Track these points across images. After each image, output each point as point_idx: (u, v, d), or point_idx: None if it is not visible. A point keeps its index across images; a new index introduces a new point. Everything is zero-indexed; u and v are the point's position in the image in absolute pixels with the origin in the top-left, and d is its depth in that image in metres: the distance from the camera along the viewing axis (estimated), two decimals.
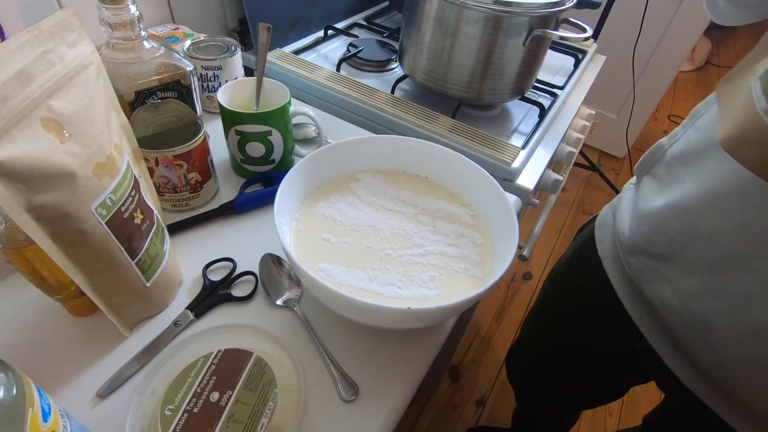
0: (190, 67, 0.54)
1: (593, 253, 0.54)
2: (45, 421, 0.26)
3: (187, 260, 0.47)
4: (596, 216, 0.58)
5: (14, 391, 0.24)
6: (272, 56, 0.77)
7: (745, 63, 0.34)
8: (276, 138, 0.54)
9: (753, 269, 0.35)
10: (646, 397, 1.24)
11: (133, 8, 0.48)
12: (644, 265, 0.46)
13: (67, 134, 0.30)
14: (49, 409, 0.27)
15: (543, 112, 0.74)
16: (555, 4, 0.62)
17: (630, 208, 0.49)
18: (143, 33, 0.50)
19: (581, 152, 1.87)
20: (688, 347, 0.43)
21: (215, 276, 0.46)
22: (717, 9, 0.42)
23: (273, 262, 0.47)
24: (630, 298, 0.49)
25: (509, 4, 0.60)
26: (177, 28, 0.72)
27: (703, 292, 0.39)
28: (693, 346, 0.43)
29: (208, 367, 0.36)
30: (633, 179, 0.53)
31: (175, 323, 0.41)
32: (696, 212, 0.39)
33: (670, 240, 0.42)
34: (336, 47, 0.88)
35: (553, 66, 0.92)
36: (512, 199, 0.61)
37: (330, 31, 0.89)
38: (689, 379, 0.45)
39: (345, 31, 0.90)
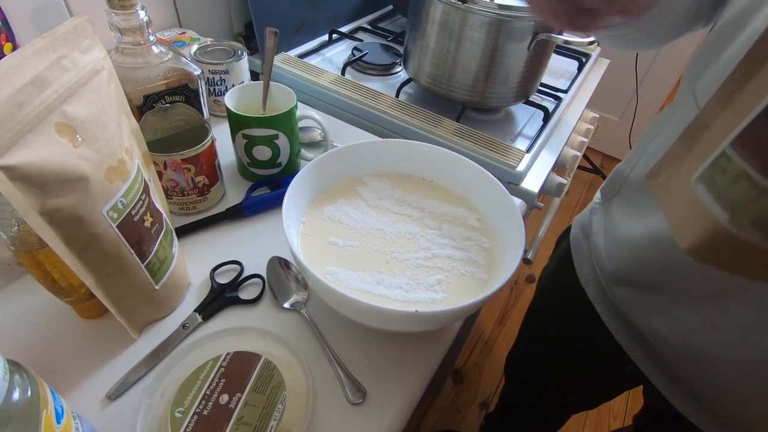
0: (197, 72, 0.55)
1: (573, 272, 0.52)
2: (58, 422, 0.26)
3: (194, 263, 0.48)
4: (570, 228, 0.57)
5: (29, 393, 0.24)
6: (277, 60, 0.77)
7: (670, 158, 0.29)
8: (282, 141, 0.54)
9: (748, 300, 0.33)
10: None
11: (142, 13, 0.48)
12: (631, 296, 0.43)
13: (80, 139, 0.30)
14: (62, 410, 0.27)
15: (547, 116, 0.75)
16: None
17: (602, 233, 0.47)
18: (152, 38, 0.51)
19: (584, 155, 1.87)
20: (689, 382, 0.41)
21: (223, 279, 0.46)
22: (621, 42, 0.42)
23: (280, 265, 0.47)
24: (619, 329, 0.46)
25: (514, 8, 0.60)
26: (184, 33, 0.73)
27: (700, 325, 0.37)
28: (694, 382, 0.41)
29: (217, 370, 0.37)
30: (597, 197, 0.51)
31: (184, 326, 0.42)
32: (671, 241, 0.36)
33: (655, 272, 0.39)
34: (340, 51, 0.88)
35: (557, 70, 0.92)
36: (517, 202, 0.61)
37: (334, 35, 0.90)
38: (694, 416, 0.43)
39: (349, 35, 0.90)
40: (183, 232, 0.50)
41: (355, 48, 0.85)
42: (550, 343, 0.63)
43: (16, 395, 0.23)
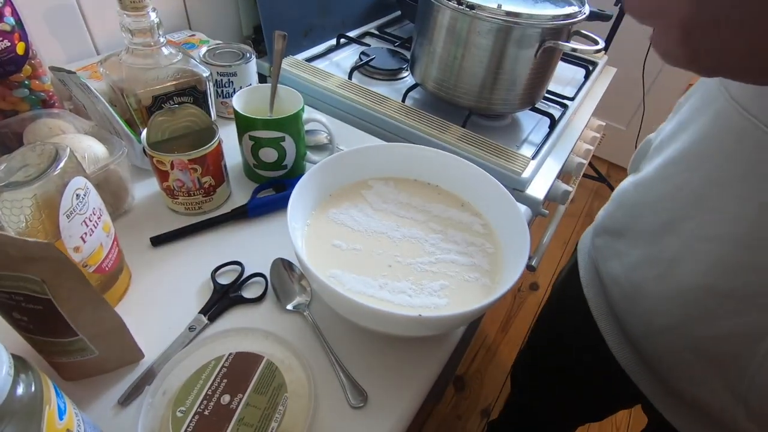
0: (206, 73, 0.55)
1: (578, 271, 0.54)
2: (61, 419, 0.26)
3: (198, 263, 0.48)
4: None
5: (33, 389, 0.25)
6: (285, 63, 0.78)
7: None
8: (289, 144, 0.55)
9: (680, 231, 0.37)
10: None
11: (153, 15, 0.49)
12: (603, 244, 0.48)
13: None
14: (65, 406, 0.27)
15: (553, 123, 0.75)
16: (567, 17, 0.62)
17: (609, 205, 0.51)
18: (162, 39, 0.51)
19: (590, 163, 1.87)
20: (624, 319, 0.45)
21: (224, 279, 0.46)
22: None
23: (284, 266, 0.48)
24: (589, 286, 0.51)
25: (522, 15, 0.60)
26: (193, 35, 0.74)
27: (643, 261, 0.42)
28: (628, 319, 0.44)
29: (220, 370, 0.37)
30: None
31: (190, 328, 0.42)
32: (649, 181, 0.42)
33: (625, 213, 0.45)
34: (348, 55, 0.89)
35: (563, 77, 0.92)
36: (522, 209, 0.61)
37: (342, 40, 0.90)
38: (624, 360, 0.47)
39: (357, 40, 0.91)
40: (187, 232, 0.50)
41: (362, 53, 0.85)
42: (560, 351, 0.63)
43: (20, 390, 0.24)
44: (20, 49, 0.49)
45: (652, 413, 0.55)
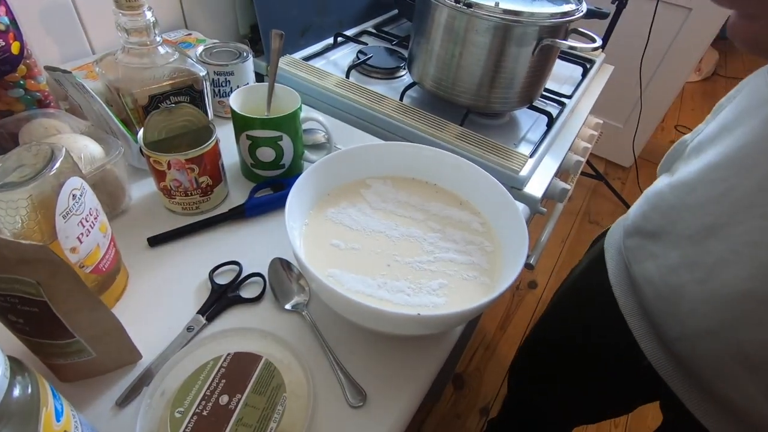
0: (203, 73, 0.55)
1: (603, 266, 0.54)
2: (58, 420, 0.26)
3: (195, 263, 0.48)
4: (608, 229, 0.58)
5: (29, 390, 0.24)
6: (282, 63, 0.77)
7: None
8: (286, 143, 0.55)
9: (726, 236, 0.37)
10: (652, 408, 1.23)
11: (149, 14, 0.49)
12: (636, 245, 0.48)
13: None
14: (62, 408, 0.27)
15: (551, 121, 0.75)
16: (565, 14, 0.62)
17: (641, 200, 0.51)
18: (158, 38, 0.51)
19: (588, 161, 1.87)
20: (658, 320, 0.45)
21: (222, 279, 0.46)
22: None
23: (282, 266, 0.47)
24: (619, 285, 0.50)
25: (519, 14, 0.60)
26: (190, 34, 0.73)
27: (682, 264, 0.41)
28: (662, 320, 0.44)
29: (218, 370, 0.37)
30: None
31: (188, 328, 0.41)
32: (689, 184, 0.41)
33: (662, 215, 0.44)
34: (345, 54, 0.89)
35: (561, 75, 0.92)
36: (520, 207, 0.61)
37: (339, 39, 0.90)
38: (656, 359, 0.46)
39: (354, 39, 0.91)
40: (184, 232, 0.50)
41: (359, 51, 0.85)
42: (569, 342, 0.63)
43: (16, 392, 0.23)
44: (15, 48, 0.49)
45: (671, 412, 0.55)
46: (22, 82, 0.51)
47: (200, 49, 0.66)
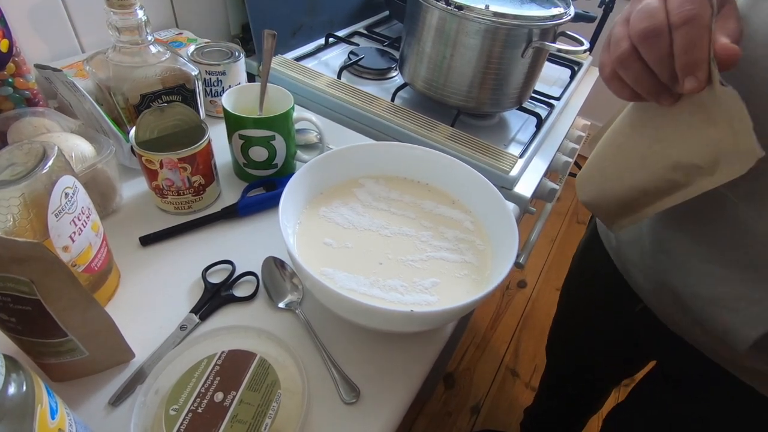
0: (195, 72, 0.55)
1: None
2: (53, 418, 0.26)
3: (187, 262, 0.48)
4: None
5: (24, 388, 0.24)
6: (274, 63, 0.77)
7: None
8: (279, 143, 0.55)
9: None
10: None
11: (140, 13, 0.48)
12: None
13: None
14: (56, 406, 0.27)
15: (540, 122, 0.76)
16: (554, 18, 0.63)
17: None
18: (149, 37, 0.51)
19: (575, 162, 1.90)
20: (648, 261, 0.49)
21: (215, 278, 0.46)
22: None
23: (275, 265, 0.48)
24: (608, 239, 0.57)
25: (509, 16, 0.61)
26: (181, 33, 0.73)
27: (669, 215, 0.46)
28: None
29: (213, 368, 0.37)
30: None
31: (182, 327, 0.41)
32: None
33: None
34: (337, 55, 0.89)
35: (550, 77, 0.94)
36: (510, 206, 0.62)
37: (331, 39, 0.90)
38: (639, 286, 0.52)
39: (346, 39, 0.91)
40: (177, 231, 0.50)
41: (351, 52, 0.86)
42: (584, 305, 0.71)
43: (11, 390, 0.23)
44: (4, 46, 0.48)
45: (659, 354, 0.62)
46: (10, 80, 0.50)
47: (191, 48, 0.66)
